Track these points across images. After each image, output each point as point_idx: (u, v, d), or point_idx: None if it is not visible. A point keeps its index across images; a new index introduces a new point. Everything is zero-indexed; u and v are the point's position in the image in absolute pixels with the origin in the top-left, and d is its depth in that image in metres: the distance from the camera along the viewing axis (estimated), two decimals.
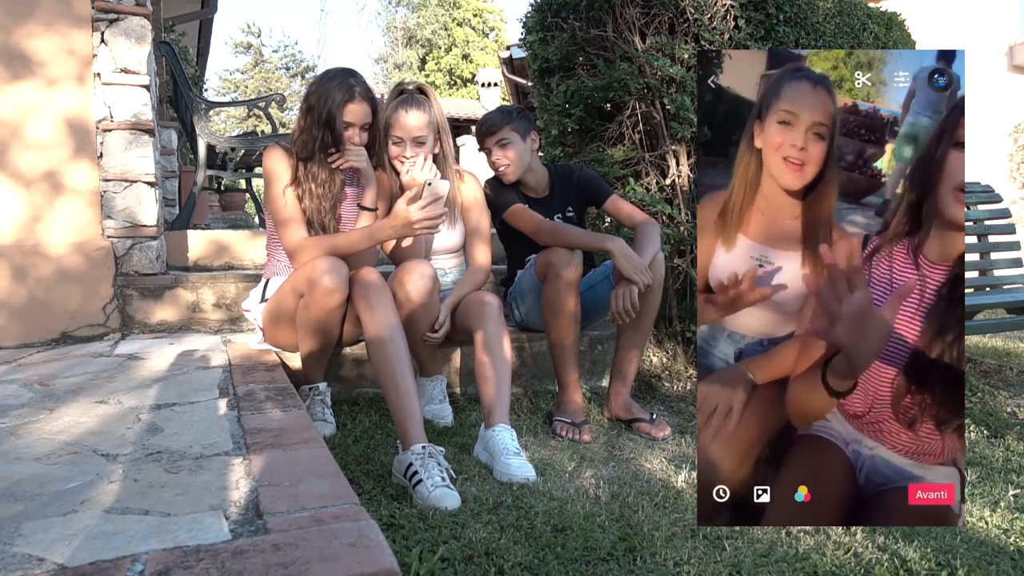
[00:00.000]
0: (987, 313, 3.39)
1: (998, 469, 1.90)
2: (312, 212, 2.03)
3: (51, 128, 2.54)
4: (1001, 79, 10.28)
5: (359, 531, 0.92)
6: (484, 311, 2.02)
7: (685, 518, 1.51)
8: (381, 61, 29.33)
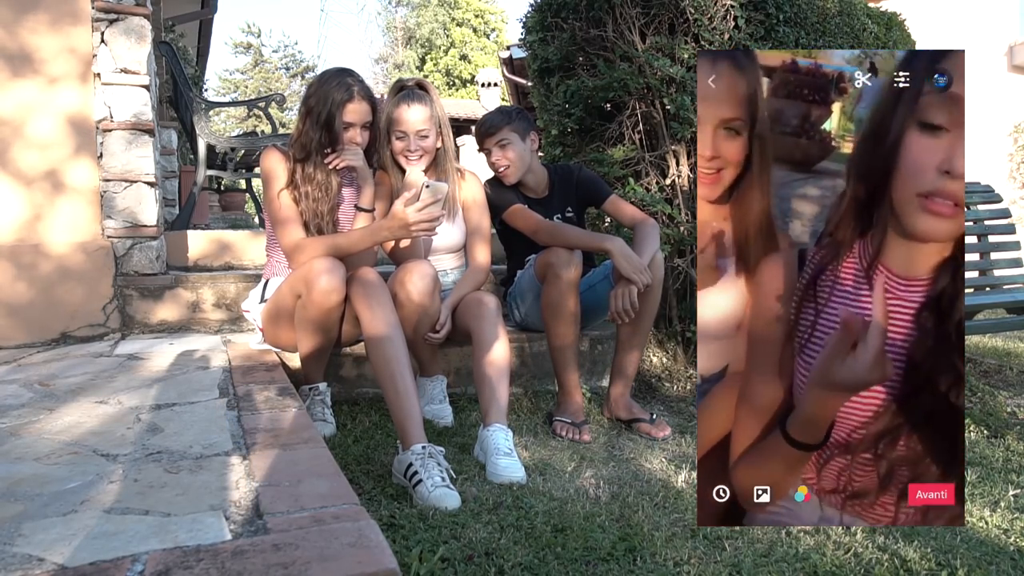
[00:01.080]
0: (987, 313, 3.39)
1: (998, 469, 1.90)
2: (308, 214, 2.03)
3: (51, 128, 2.54)
4: (1001, 79, 10.28)
5: (359, 531, 0.92)
6: (481, 312, 2.02)
7: (685, 518, 1.51)
8: (381, 61, 29.34)
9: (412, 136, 2.17)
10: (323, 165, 2.05)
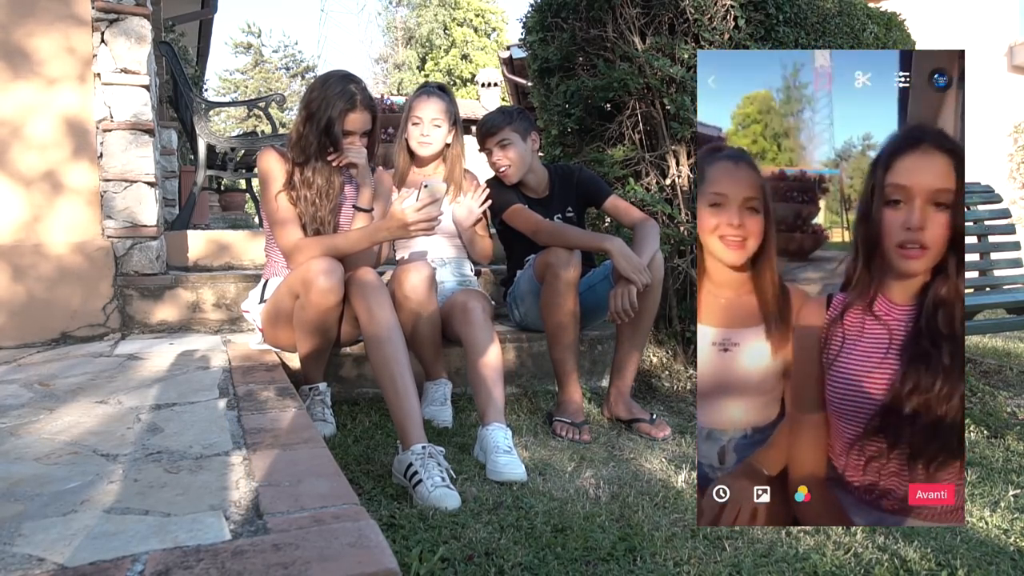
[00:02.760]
0: (987, 313, 3.39)
1: (998, 469, 1.90)
2: (307, 216, 2.03)
3: (51, 128, 2.54)
4: (1001, 79, 10.28)
5: (359, 531, 0.92)
6: (468, 318, 2.02)
7: (685, 518, 1.51)
8: (381, 61, 29.35)
9: (426, 123, 2.33)
10: (322, 168, 2.04)
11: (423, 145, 2.35)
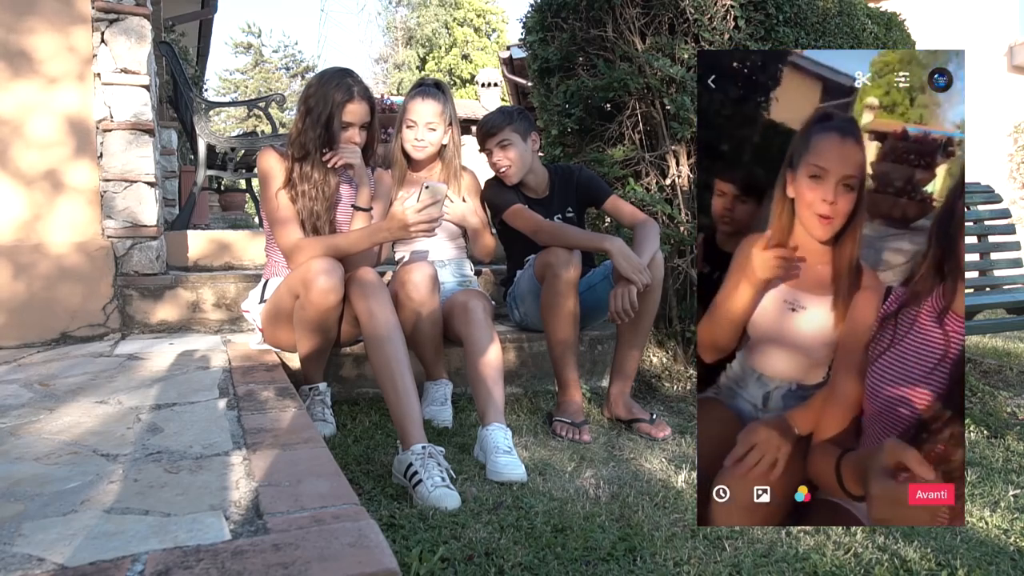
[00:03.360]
0: (987, 313, 3.39)
1: (998, 469, 1.90)
2: (305, 213, 2.03)
3: (51, 127, 2.54)
4: (1001, 79, 10.28)
5: (359, 531, 0.92)
6: (469, 317, 2.02)
7: (685, 518, 1.51)
8: (381, 61, 29.34)
9: (421, 126, 2.31)
10: (321, 164, 2.05)
11: (417, 149, 2.34)
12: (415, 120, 2.32)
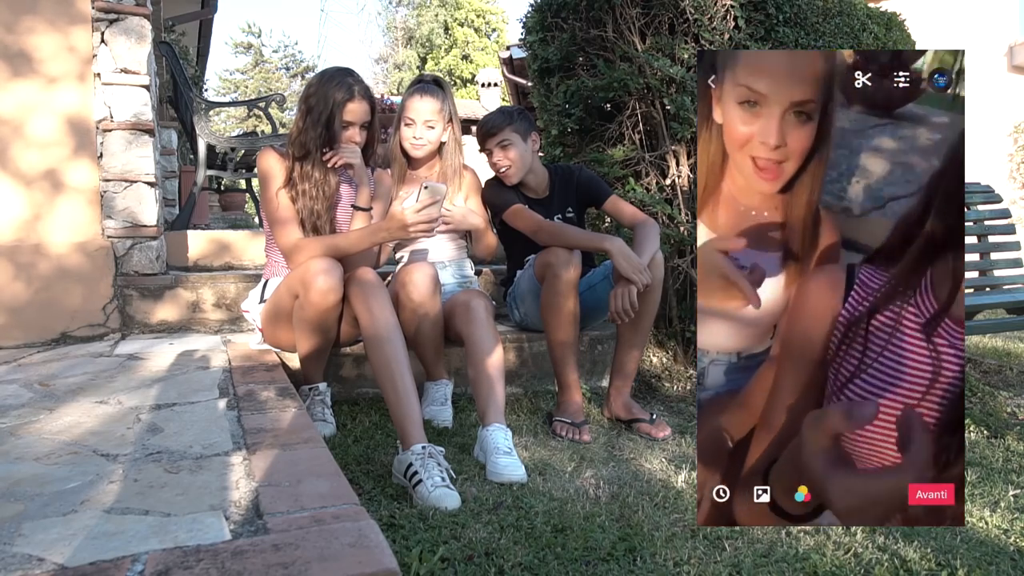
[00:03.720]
0: (987, 313, 3.39)
1: (998, 469, 1.90)
2: (305, 212, 2.03)
3: (51, 127, 2.54)
4: (1001, 79, 10.28)
5: (359, 531, 0.92)
6: (471, 316, 2.02)
7: (685, 518, 1.51)
8: (381, 61, 29.34)
9: (419, 124, 2.29)
10: (321, 164, 2.05)
11: (415, 148, 2.33)
12: (413, 118, 2.30)
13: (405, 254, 2.43)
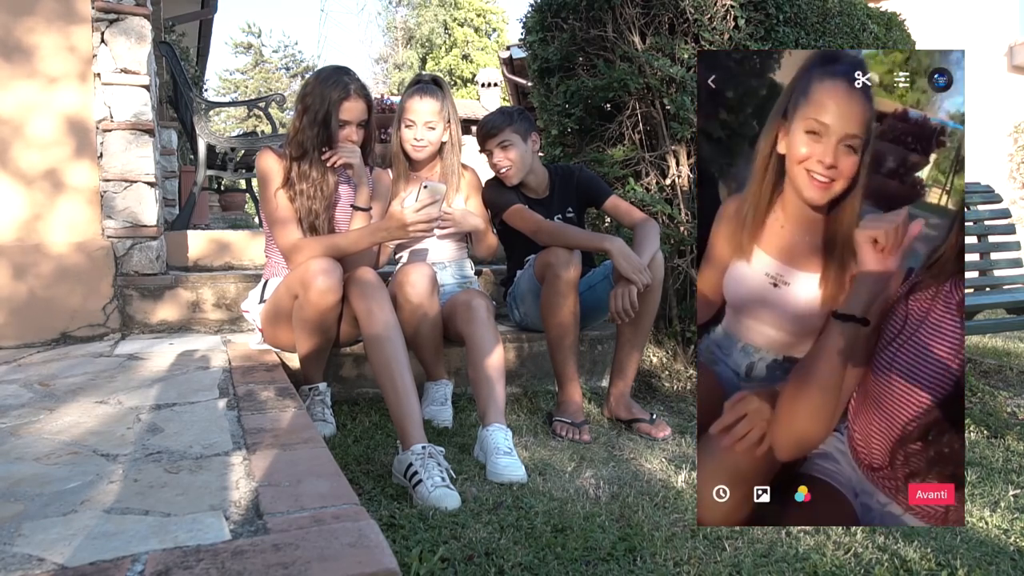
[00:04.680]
0: (987, 313, 3.39)
1: (998, 469, 1.90)
2: (303, 212, 2.03)
3: (51, 127, 2.54)
4: (1001, 79, 10.27)
5: (359, 531, 0.92)
6: (471, 316, 2.02)
7: (685, 518, 1.51)
8: (381, 61, 29.35)
9: (420, 126, 2.28)
10: (319, 163, 2.05)
11: (416, 150, 2.32)
12: (413, 119, 2.30)
13: (405, 255, 2.43)
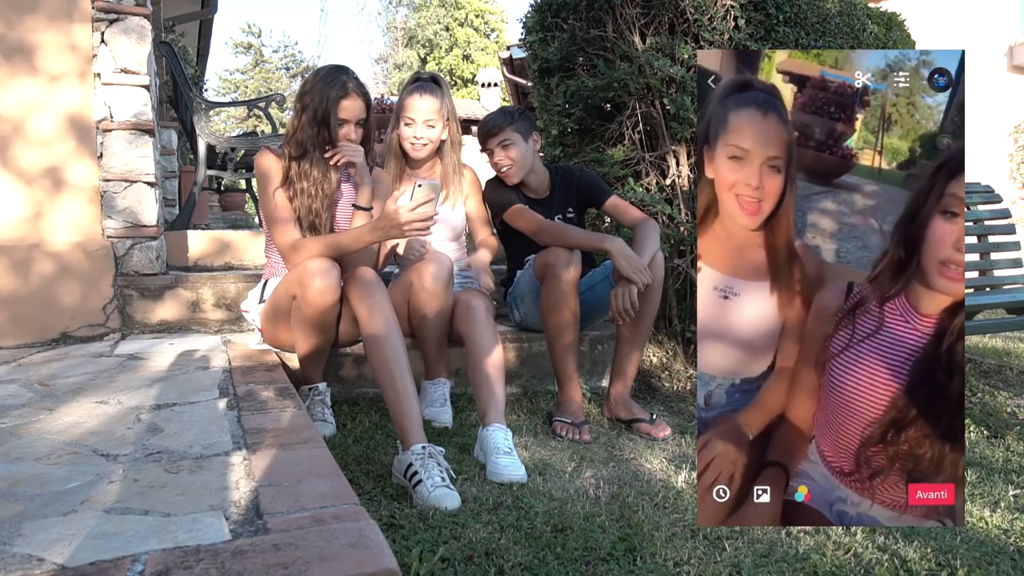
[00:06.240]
0: (987, 313, 3.39)
1: (998, 469, 1.90)
2: (303, 211, 2.02)
3: (51, 127, 2.54)
4: (1001, 79, 10.28)
5: (359, 531, 0.92)
6: (471, 316, 2.02)
7: (685, 518, 1.51)
8: (381, 61, 29.35)
9: (419, 124, 2.28)
10: (320, 162, 2.04)
11: (416, 148, 2.33)
12: (413, 117, 2.29)
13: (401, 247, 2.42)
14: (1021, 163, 10.27)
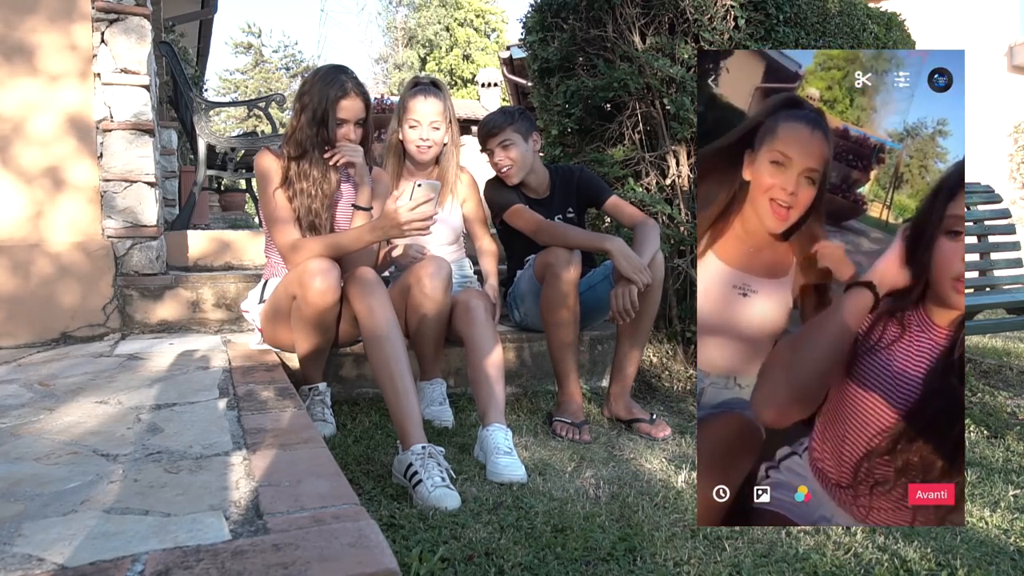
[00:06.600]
0: (987, 313, 3.39)
1: (998, 469, 1.90)
2: (303, 211, 2.02)
3: (51, 127, 2.54)
4: (1001, 79, 10.28)
5: (359, 531, 0.92)
6: (470, 317, 2.02)
7: (685, 518, 1.51)
8: (381, 61, 29.36)
9: (425, 126, 2.28)
10: (320, 162, 2.04)
11: (422, 151, 2.32)
12: (418, 119, 2.29)
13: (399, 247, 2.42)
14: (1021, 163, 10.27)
